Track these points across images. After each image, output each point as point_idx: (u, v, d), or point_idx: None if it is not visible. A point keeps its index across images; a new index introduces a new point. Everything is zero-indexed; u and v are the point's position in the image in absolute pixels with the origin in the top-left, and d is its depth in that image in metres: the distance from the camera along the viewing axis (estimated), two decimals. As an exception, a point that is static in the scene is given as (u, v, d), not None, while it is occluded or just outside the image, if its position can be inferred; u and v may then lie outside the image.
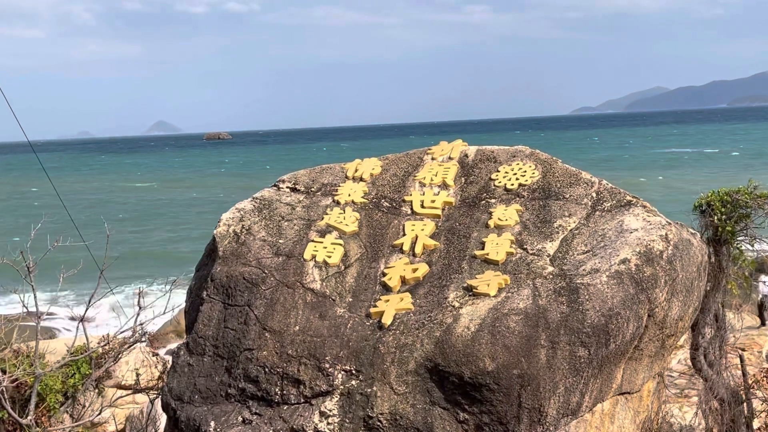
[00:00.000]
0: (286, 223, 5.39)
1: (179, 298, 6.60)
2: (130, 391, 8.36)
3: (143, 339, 7.18)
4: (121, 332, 6.99)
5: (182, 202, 49.53)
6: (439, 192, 5.51)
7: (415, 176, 5.69)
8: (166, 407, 4.95)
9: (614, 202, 5.17)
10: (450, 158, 5.79)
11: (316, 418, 4.35)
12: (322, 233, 5.26)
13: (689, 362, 6.89)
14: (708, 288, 6.12)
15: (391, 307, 4.63)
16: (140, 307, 6.79)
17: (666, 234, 4.78)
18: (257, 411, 4.56)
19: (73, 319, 6.92)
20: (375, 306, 4.69)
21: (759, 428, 6.63)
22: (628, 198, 5.19)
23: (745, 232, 6.35)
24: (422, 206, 5.41)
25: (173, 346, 14.30)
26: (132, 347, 7.10)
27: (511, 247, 4.89)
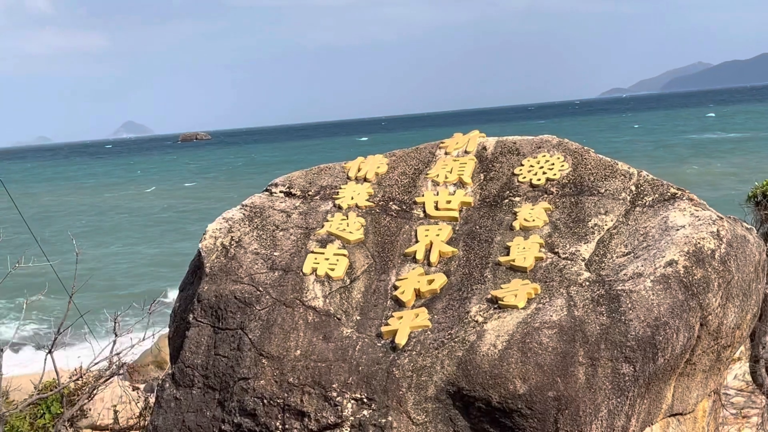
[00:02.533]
0: (281, 233, 5.41)
1: (161, 322, 6.64)
2: (107, 432, 8.40)
3: (121, 372, 7.23)
4: (96, 364, 7.03)
5: (158, 214, 49.64)
6: (455, 191, 5.53)
7: (426, 174, 5.72)
8: (151, 448, 4.98)
9: (656, 195, 5.18)
10: (466, 152, 5.81)
11: (323, 454, 4.38)
12: (323, 243, 5.29)
13: (748, 377, 6.90)
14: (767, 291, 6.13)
15: (406, 324, 4.65)
16: (116, 335, 6.84)
17: (717, 230, 4.79)
18: (256, 449, 4.58)
19: (40, 350, 6.96)
20: (387, 324, 4.71)
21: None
22: (673, 190, 5.20)
23: (807, 225, 6.37)
24: (436, 208, 5.44)
25: (155, 378, 14.34)
26: (109, 381, 7.15)
27: (540, 251, 4.91)
